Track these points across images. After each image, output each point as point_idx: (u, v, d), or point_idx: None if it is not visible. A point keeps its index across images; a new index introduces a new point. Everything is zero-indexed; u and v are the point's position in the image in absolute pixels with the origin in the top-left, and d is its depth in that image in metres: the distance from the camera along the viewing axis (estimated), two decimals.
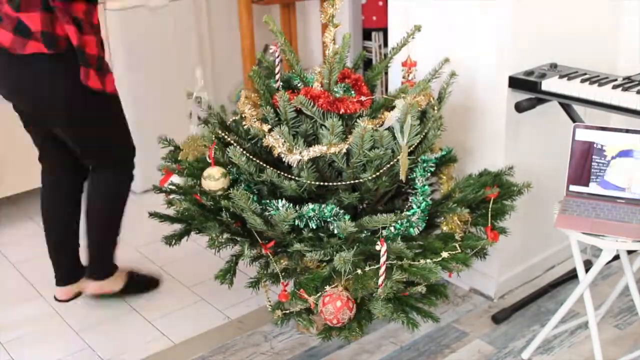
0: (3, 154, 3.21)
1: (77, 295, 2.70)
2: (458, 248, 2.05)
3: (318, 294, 1.99)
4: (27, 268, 2.97)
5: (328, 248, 2.02)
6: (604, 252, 2.03)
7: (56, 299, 2.70)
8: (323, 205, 2.03)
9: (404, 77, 2.33)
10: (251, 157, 2.08)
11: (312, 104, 2.03)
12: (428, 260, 1.98)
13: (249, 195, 2.06)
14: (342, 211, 2.04)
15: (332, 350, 2.37)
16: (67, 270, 2.67)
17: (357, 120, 2.02)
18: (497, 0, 2.31)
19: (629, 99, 2.11)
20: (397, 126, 1.99)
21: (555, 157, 2.56)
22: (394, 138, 2.00)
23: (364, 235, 2.06)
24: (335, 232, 2.04)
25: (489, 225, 2.17)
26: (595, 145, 2.08)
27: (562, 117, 2.39)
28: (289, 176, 2.04)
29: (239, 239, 2.12)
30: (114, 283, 2.67)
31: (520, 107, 2.34)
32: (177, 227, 2.36)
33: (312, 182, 2.01)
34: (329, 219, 2.04)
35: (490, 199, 2.20)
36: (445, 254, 2.00)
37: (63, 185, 2.59)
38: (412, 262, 1.98)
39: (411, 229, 2.07)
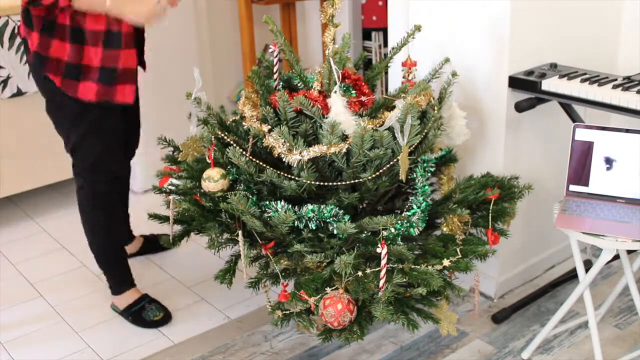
0: (2, 154, 3.21)
1: None
2: (459, 253, 2.04)
3: (319, 296, 1.99)
4: (27, 268, 2.97)
5: (328, 249, 2.02)
6: (604, 252, 2.03)
7: None
8: (322, 206, 2.02)
9: (404, 77, 2.33)
10: (251, 157, 2.08)
11: (311, 104, 2.03)
12: (430, 268, 1.97)
13: (248, 198, 2.06)
14: (341, 212, 2.03)
15: (332, 350, 2.37)
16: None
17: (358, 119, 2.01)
18: (497, 0, 2.31)
19: (629, 99, 2.11)
20: (397, 126, 1.98)
21: (555, 157, 2.56)
22: (394, 138, 2.00)
23: (364, 235, 2.06)
24: (335, 232, 2.04)
25: (490, 227, 2.17)
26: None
27: (562, 117, 2.39)
28: (289, 176, 2.04)
29: (238, 239, 2.12)
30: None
31: (520, 107, 2.34)
32: (177, 227, 2.36)
33: (312, 182, 2.01)
34: (328, 220, 2.04)
35: (491, 200, 2.20)
36: (447, 262, 1.99)
37: None
38: (413, 267, 1.97)
39: (411, 229, 2.07)
